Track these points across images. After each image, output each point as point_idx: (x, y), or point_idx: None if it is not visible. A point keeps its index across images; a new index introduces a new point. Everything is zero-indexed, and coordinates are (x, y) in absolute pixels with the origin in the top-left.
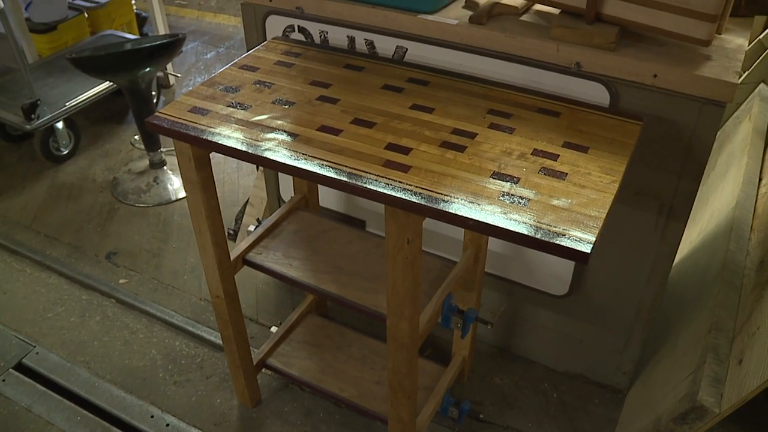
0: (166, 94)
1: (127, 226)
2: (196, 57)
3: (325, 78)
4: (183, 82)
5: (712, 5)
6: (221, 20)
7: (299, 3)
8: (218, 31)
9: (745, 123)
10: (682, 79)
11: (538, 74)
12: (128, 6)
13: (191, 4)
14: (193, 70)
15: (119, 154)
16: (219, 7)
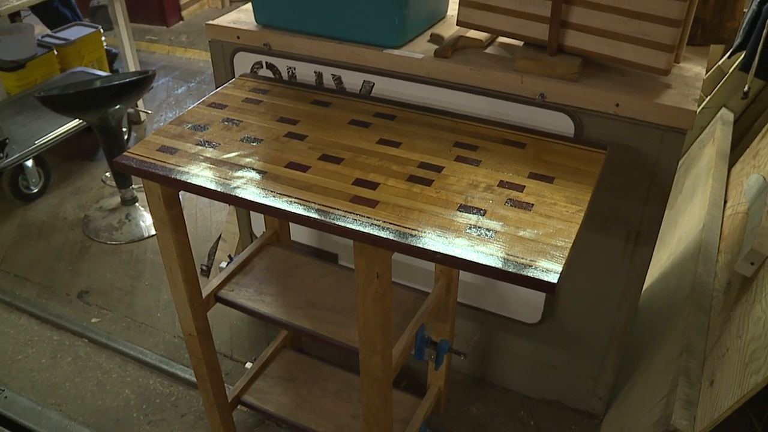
0: (137, 130)
1: (99, 264)
2: (167, 92)
3: (292, 114)
4: (154, 118)
5: (670, 36)
6: (192, 55)
7: (267, 40)
8: (189, 66)
9: (709, 146)
10: (644, 108)
11: (503, 106)
12: (98, 43)
13: (162, 40)
14: (164, 106)
15: (90, 192)
16: (189, 42)
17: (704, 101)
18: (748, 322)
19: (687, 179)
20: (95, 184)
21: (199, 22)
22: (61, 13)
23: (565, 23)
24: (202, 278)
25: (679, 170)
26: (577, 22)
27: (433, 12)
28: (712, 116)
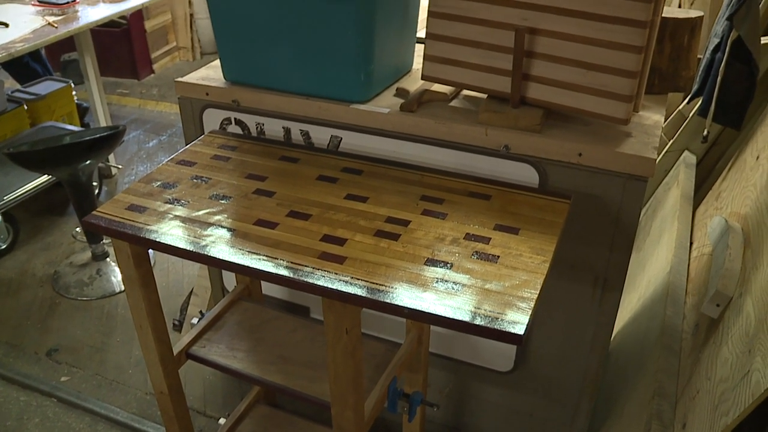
0: (108, 184)
1: (68, 321)
2: (138, 146)
3: (261, 171)
4: (125, 172)
5: (627, 87)
6: (163, 108)
7: (235, 96)
8: (160, 119)
9: (674, 189)
10: (606, 157)
11: (469, 158)
12: (69, 97)
13: (133, 93)
14: (135, 159)
15: (60, 247)
16: (161, 95)
17: (667, 145)
18: (716, 364)
19: (654, 221)
20: (65, 240)
21: (170, 75)
22: (32, 68)
23: (527, 76)
24: (175, 333)
25: (646, 213)
26: (538, 75)
27: (399, 66)
28: (675, 159)
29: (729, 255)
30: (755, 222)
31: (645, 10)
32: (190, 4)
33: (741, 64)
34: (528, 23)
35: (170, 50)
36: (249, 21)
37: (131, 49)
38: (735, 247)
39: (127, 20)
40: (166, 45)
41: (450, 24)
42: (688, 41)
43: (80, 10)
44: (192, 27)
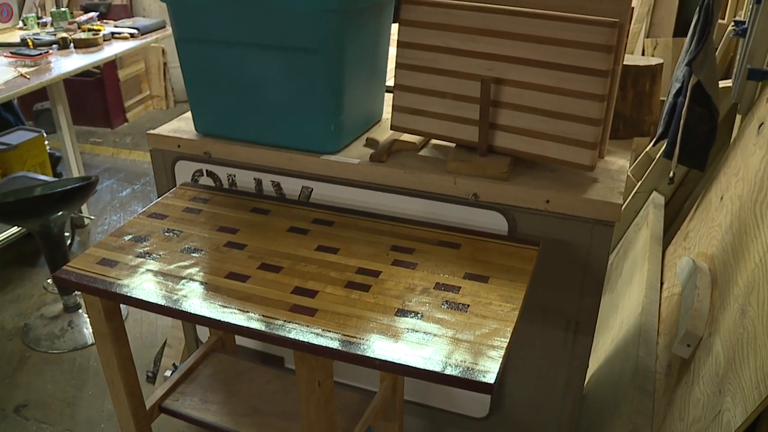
0: (80, 234)
1: (39, 374)
2: (112, 195)
3: (232, 223)
4: (98, 221)
5: (591, 134)
6: (136, 157)
7: (207, 148)
8: (133, 168)
9: (644, 230)
10: (573, 203)
11: (439, 207)
12: (41, 147)
13: (106, 142)
14: (108, 209)
15: (31, 299)
16: (134, 144)
17: (636, 186)
18: (689, 405)
19: (626, 262)
20: (36, 291)
21: (143, 123)
22: (4, 118)
23: (494, 125)
24: (148, 385)
25: (618, 253)
26: (504, 124)
27: (369, 116)
28: (644, 200)
29: (697, 295)
30: (721, 262)
31: (605, 60)
32: (163, 53)
33: (702, 107)
34: (493, 73)
35: (144, 99)
36: (219, 74)
37: (104, 98)
38: (703, 287)
39: (101, 69)
40: (139, 93)
41: (417, 75)
42: (650, 87)
43: (53, 61)
44: (165, 76)
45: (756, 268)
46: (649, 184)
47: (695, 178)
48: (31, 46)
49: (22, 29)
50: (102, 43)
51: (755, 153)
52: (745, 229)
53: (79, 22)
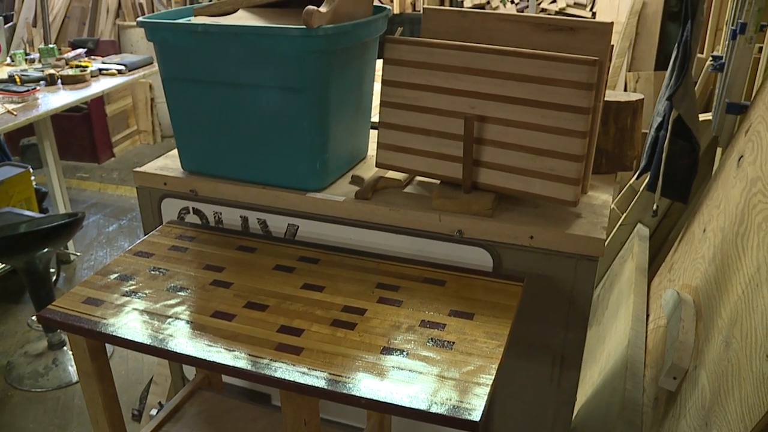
0: (66, 270)
1: (21, 414)
2: (98, 230)
3: (218, 261)
4: (85, 257)
5: (574, 170)
6: (123, 192)
7: (193, 186)
8: (120, 203)
9: (629, 262)
10: (557, 239)
11: (424, 243)
12: (27, 182)
13: (93, 177)
14: (95, 244)
15: (15, 336)
16: (121, 178)
17: (621, 218)
18: None
19: (612, 295)
20: (20, 328)
21: (131, 158)
22: None
23: (478, 162)
24: (134, 423)
25: (604, 285)
26: (488, 161)
27: (354, 154)
28: (629, 232)
29: (682, 327)
30: (705, 294)
31: (586, 98)
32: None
33: (683, 141)
34: (476, 111)
35: (131, 134)
36: (205, 112)
37: (92, 133)
38: (688, 319)
39: (88, 105)
40: (126, 129)
41: (402, 113)
42: (631, 122)
43: (41, 98)
44: (153, 111)
45: (738, 300)
46: (633, 217)
47: (679, 210)
48: (18, 82)
49: (9, 65)
50: (89, 79)
51: (735, 186)
52: (728, 262)
53: (66, 58)
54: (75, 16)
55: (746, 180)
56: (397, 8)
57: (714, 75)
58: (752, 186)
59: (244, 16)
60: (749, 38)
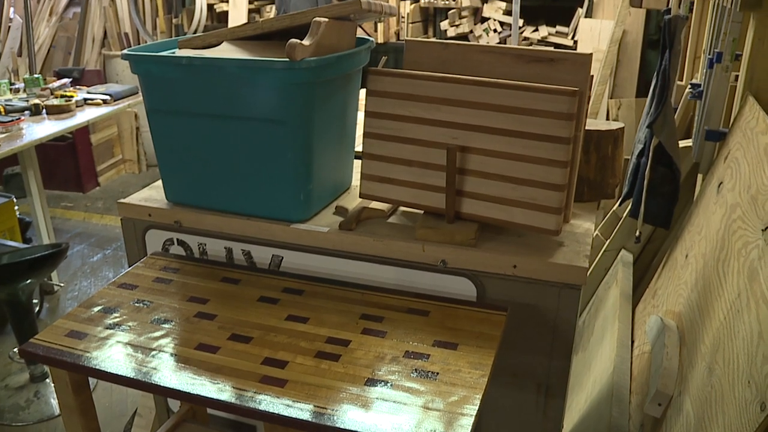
0: (50, 301)
1: None
2: (83, 260)
3: (202, 293)
4: (68, 288)
5: (556, 199)
6: (108, 221)
7: (177, 217)
8: (105, 233)
9: (614, 288)
10: (540, 268)
11: (408, 273)
12: (11, 212)
13: (78, 206)
14: (79, 274)
15: None
16: (106, 208)
17: (605, 245)
18: None
19: (597, 321)
20: (1, 361)
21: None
22: None
23: (460, 192)
24: None
25: (589, 312)
26: (471, 191)
27: (338, 184)
28: (613, 258)
29: (666, 354)
30: (688, 320)
31: (567, 128)
32: (136, 118)
33: (664, 167)
34: (459, 142)
35: (116, 163)
36: (189, 144)
37: (76, 162)
38: (671, 345)
39: (73, 134)
40: (112, 158)
41: (385, 144)
42: (612, 151)
43: (25, 128)
44: (138, 140)
45: (720, 326)
46: (617, 243)
47: (662, 235)
48: (2, 112)
49: None
50: (74, 109)
51: (716, 212)
52: (709, 288)
53: (52, 88)
54: (60, 46)
55: (726, 206)
56: (381, 38)
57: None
58: (732, 212)
59: (228, 49)
60: (725, 67)
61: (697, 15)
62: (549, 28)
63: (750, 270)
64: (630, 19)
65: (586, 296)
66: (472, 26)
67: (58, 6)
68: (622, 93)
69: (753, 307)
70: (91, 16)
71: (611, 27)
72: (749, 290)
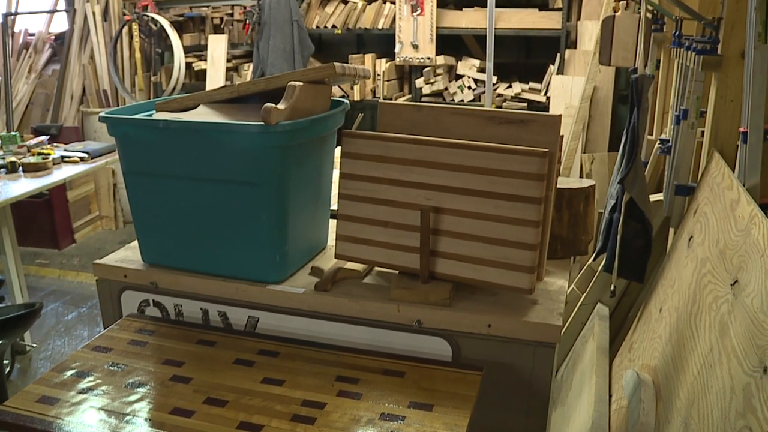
0: (21, 361)
1: None
2: (57, 318)
3: (178, 356)
4: (42, 347)
5: (529, 259)
6: (83, 279)
7: (153, 278)
8: (80, 290)
9: (591, 342)
10: (514, 327)
11: (384, 334)
12: None
13: (53, 263)
14: (52, 333)
15: None
16: (81, 265)
17: (581, 299)
18: None
19: (575, 375)
20: None
21: (92, 244)
22: None
23: (435, 252)
24: None
25: (567, 366)
26: (445, 251)
27: (314, 244)
28: (589, 312)
29: (643, 409)
30: (664, 374)
31: (538, 188)
32: (113, 174)
33: (636, 222)
34: (432, 203)
35: (93, 219)
36: (166, 205)
37: (52, 219)
38: (648, 400)
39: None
40: (88, 214)
41: (359, 205)
42: (584, 208)
43: (0, 186)
44: (115, 196)
45: (695, 380)
46: (593, 297)
47: (636, 288)
48: None
49: None
50: (52, 167)
51: (687, 266)
52: (683, 342)
53: (29, 145)
54: (39, 102)
55: (696, 260)
56: (357, 95)
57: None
58: (702, 266)
59: (204, 112)
60: (691, 124)
61: (664, 70)
62: (522, 85)
63: (721, 324)
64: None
65: (564, 350)
66: (446, 83)
67: (38, 63)
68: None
69: (725, 361)
70: (70, 74)
71: (582, 83)
72: (720, 345)
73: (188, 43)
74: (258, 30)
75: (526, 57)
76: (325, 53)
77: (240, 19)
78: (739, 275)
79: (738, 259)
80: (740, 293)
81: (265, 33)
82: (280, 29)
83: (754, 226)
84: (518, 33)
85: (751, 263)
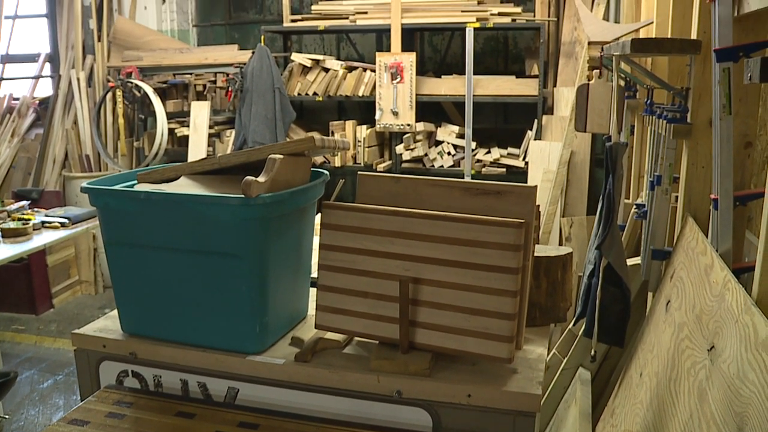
0: None
1: None
2: (32, 386)
3: (156, 429)
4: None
5: (507, 328)
6: (61, 345)
7: (132, 348)
8: (57, 357)
9: (573, 407)
10: (493, 396)
11: (364, 405)
12: None
13: (30, 329)
14: (26, 402)
15: None
16: (59, 331)
17: (562, 363)
18: None
19: None
20: None
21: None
22: None
23: (414, 322)
24: None
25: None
26: (424, 321)
27: (294, 314)
28: (571, 377)
29: None
30: None
31: (515, 258)
32: (94, 239)
33: (614, 287)
34: (411, 273)
35: (72, 284)
36: (146, 276)
37: (30, 284)
38: None
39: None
40: (68, 279)
41: (339, 276)
42: (561, 275)
43: None
44: (95, 261)
45: None
46: (574, 361)
47: (617, 353)
48: None
49: None
50: (32, 232)
51: (665, 330)
52: (663, 407)
53: (9, 210)
54: (21, 166)
55: (674, 325)
56: (338, 161)
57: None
58: (680, 331)
59: (185, 184)
60: (665, 189)
61: (638, 135)
62: (501, 150)
63: (699, 390)
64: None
65: (547, 415)
66: (426, 149)
67: (21, 127)
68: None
69: (704, 428)
70: (53, 138)
71: (560, 148)
72: (700, 411)
73: (171, 109)
74: (240, 97)
75: (504, 123)
76: (306, 120)
77: (223, 86)
78: (716, 341)
79: (714, 324)
80: (717, 359)
81: (247, 100)
82: (262, 96)
83: (728, 292)
84: (496, 99)
85: (726, 329)
